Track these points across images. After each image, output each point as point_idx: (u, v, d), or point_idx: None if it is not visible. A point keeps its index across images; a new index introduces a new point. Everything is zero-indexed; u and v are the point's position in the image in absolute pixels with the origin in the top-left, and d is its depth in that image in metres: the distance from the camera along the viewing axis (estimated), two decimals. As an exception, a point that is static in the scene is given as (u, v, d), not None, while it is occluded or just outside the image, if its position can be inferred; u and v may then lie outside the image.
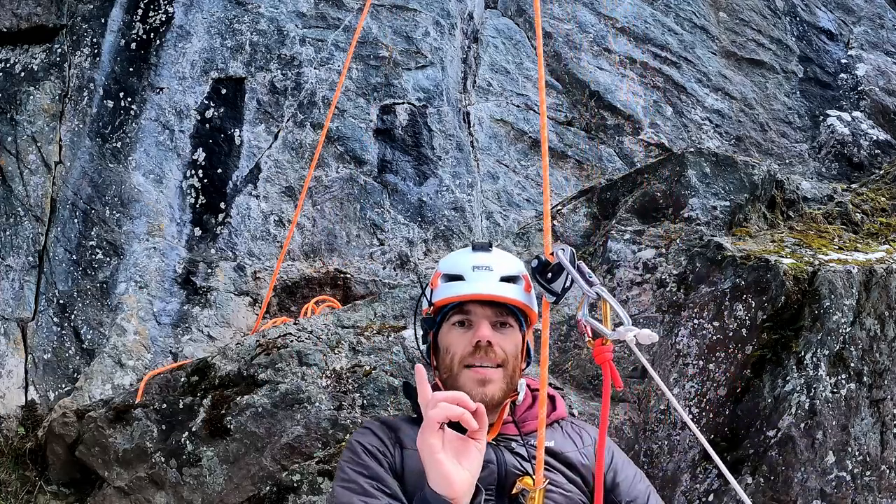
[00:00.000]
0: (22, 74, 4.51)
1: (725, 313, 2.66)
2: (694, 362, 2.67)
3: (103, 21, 4.67)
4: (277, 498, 2.76)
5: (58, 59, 4.58)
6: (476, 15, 5.65)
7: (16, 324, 4.03)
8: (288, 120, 4.65)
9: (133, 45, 4.64)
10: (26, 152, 4.36)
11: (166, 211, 4.33)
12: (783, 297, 2.58)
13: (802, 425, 2.46)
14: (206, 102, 4.59)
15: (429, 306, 2.01)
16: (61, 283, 4.12)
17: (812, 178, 5.23)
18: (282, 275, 4.28)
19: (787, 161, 5.91)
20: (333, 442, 2.78)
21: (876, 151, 5.92)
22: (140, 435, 3.03)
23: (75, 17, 4.68)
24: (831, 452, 2.47)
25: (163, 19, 4.70)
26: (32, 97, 4.46)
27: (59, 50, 4.60)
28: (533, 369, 2.89)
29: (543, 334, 1.76)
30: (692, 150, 3.22)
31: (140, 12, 4.72)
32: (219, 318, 4.18)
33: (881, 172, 4.14)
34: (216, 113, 4.58)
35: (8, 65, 4.53)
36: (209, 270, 4.26)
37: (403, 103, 4.87)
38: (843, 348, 2.56)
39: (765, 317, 2.59)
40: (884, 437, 2.57)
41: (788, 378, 2.50)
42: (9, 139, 4.37)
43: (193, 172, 4.44)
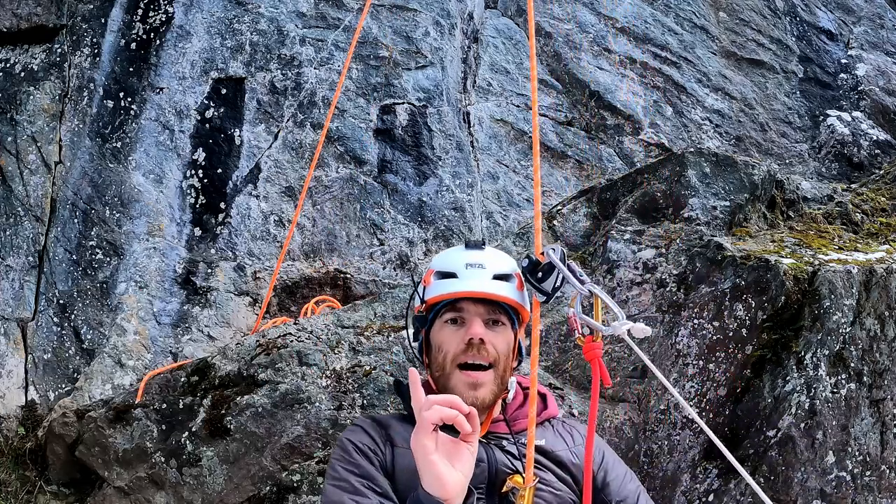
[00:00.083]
0: (22, 74, 4.51)
1: (725, 313, 2.66)
2: (694, 362, 2.68)
3: (103, 21, 4.67)
4: (277, 498, 2.76)
5: (58, 59, 4.58)
6: (476, 15, 5.65)
7: (16, 324, 4.03)
8: (288, 120, 4.65)
9: (133, 45, 4.64)
10: (26, 152, 4.36)
11: (166, 211, 4.33)
12: (783, 297, 2.58)
13: (802, 425, 2.46)
14: (206, 102, 4.59)
15: (421, 304, 2.01)
16: (61, 283, 4.12)
17: (812, 178, 5.23)
18: (282, 275, 4.28)
19: (787, 161, 5.91)
20: (333, 442, 2.78)
21: (876, 151, 5.92)
22: (140, 435, 3.03)
23: (75, 17, 4.68)
24: (831, 452, 2.47)
25: (163, 19, 4.70)
26: (32, 97, 4.46)
27: (59, 50, 4.60)
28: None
29: (534, 333, 1.76)
30: (692, 150, 3.22)
31: (140, 12, 4.72)
32: (219, 318, 4.18)
33: (881, 172, 4.14)
34: (216, 113, 4.58)
35: (8, 65, 4.53)
36: (209, 270, 4.26)
37: (403, 103, 4.87)
38: (843, 348, 2.56)
39: (765, 317, 2.59)
40: (884, 437, 2.57)
41: (788, 378, 2.50)
42: (9, 139, 4.37)
43: (193, 172, 4.44)
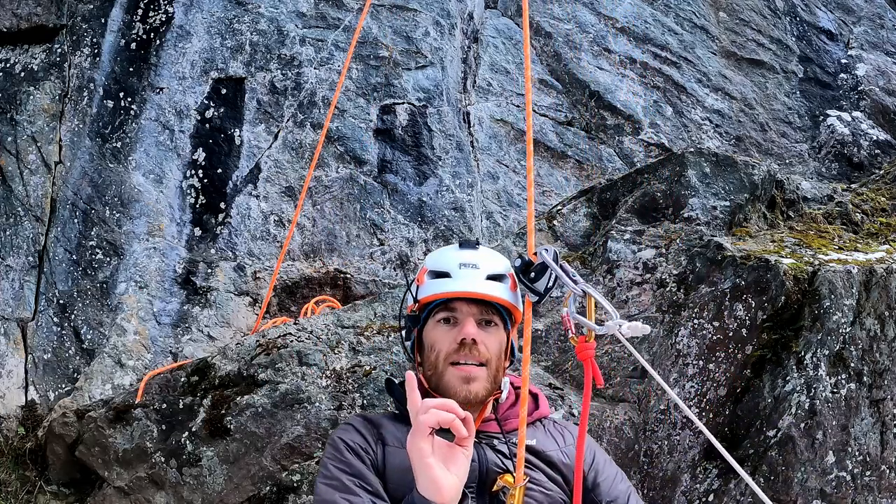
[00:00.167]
0: (22, 74, 4.51)
1: (725, 313, 2.66)
2: (694, 362, 2.68)
3: (103, 21, 4.67)
4: (277, 498, 2.76)
5: (58, 59, 4.58)
6: (476, 15, 5.65)
7: (16, 324, 4.03)
8: (288, 120, 4.65)
9: (133, 45, 4.64)
10: (26, 152, 4.36)
11: (166, 211, 4.33)
12: (783, 297, 2.58)
13: (802, 425, 2.46)
14: (206, 102, 4.59)
15: (414, 303, 2.01)
16: (61, 283, 4.12)
17: (812, 178, 5.23)
18: (282, 275, 4.28)
19: (787, 161, 5.91)
20: (333, 442, 2.78)
21: (876, 151, 5.92)
22: (140, 435, 3.03)
23: (75, 17, 4.68)
24: (831, 452, 2.47)
25: (163, 19, 4.70)
26: (32, 97, 4.46)
27: (59, 50, 4.60)
28: (533, 369, 2.89)
29: (525, 333, 1.76)
30: (692, 150, 3.22)
31: (140, 12, 4.72)
32: (219, 318, 4.18)
33: (881, 172, 4.14)
34: (216, 113, 4.58)
35: (8, 65, 4.53)
36: (209, 270, 4.26)
37: (403, 103, 4.87)
38: (843, 348, 2.56)
39: (765, 317, 2.59)
40: (884, 437, 2.57)
41: (788, 378, 2.50)
42: (9, 139, 4.37)
43: (193, 172, 4.44)
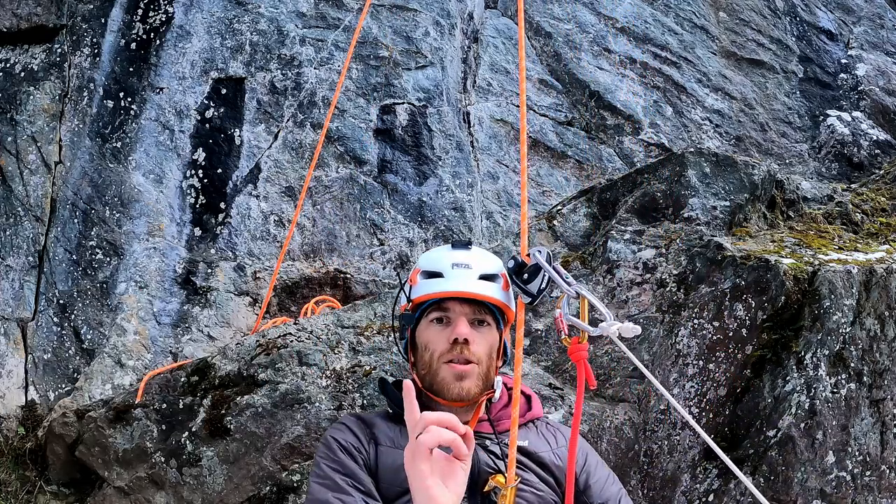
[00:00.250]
0: (22, 74, 4.51)
1: (725, 313, 2.66)
2: (694, 362, 2.67)
3: (103, 21, 4.67)
4: (277, 498, 2.76)
5: (58, 59, 4.58)
6: (476, 15, 5.65)
7: (16, 324, 4.03)
8: (288, 120, 4.65)
9: (133, 45, 4.64)
10: (26, 152, 4.36)
11: (166, 211, 4.33)
12: (783, 297, 2.58)
13: (802, 425, 2.46)
14: (206, 102, 4.59)
15: (407, 302, 2.03)
16: (61, 283, 4.12)
17: (812, 178, 5.23)
18: (282, 275, 4.28)
19: (787, 161, 5.91)
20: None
21: (876, 151, 5.92)
22: (140, 435, 3.03)
23: (75, 17, 4.68)
24: (831, 452, 2.47)
25: (163, 19, 4.70)
26: (32, 97, 4.46)
27: (59, 50, 4.60)
28: (533, 369, 2.89)
29: (518, 334, 1.77)
30: (692, 150, 3.22)
31: (140, 12, 4.72)
32: (219, 318, 4.18)
33: (881, 172, 4.14)
34: (216, 113, 4.58)
35: (8, 65, 4.53)
36: (209, 270, 4.26)
37: (403, 103, 4.87)
38: (843, 348, 2.56)
39: (765, 317, 2.59)
40: (884, 437, 2.57)
41: (788, 378, 2.50)
42: (9, 139, 4.37)
43: (193, 172, 4.44)
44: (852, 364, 2.56)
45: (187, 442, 2.94)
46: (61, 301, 4.09)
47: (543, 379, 2.83)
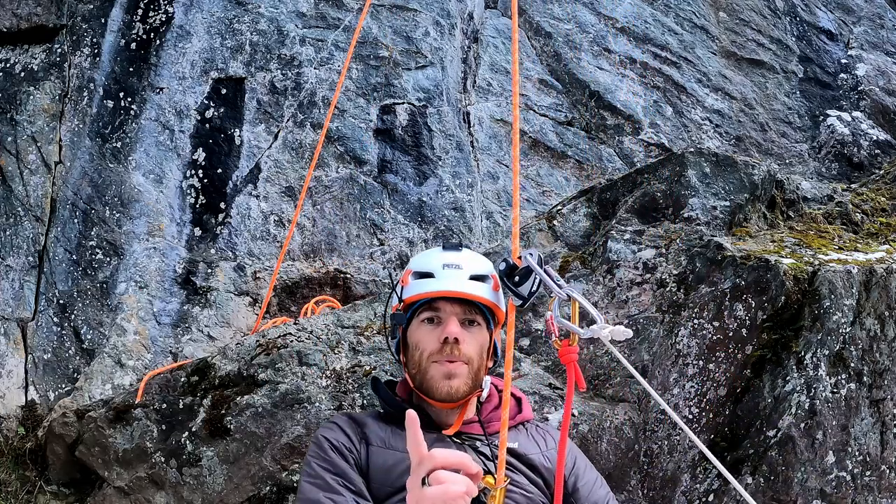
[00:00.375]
0: (22, 74, 4.51)
1: (725, 313, 2.66)
2: (694, 362, 2.67)
3: (103, 21, 4.67)
4: (277, 498, 2.76)
5: (58, 59, 4.58)
6: (476, 15, 5.65)
7: (16, 324, 4.03)
8: (288, 120, 4.65)
9: (133, 45, 4.64)
10: (26, 152, 4.36)
11: (166, 211, 4.33)
12: (783, 297, 2.58)
13: (802, 425, 2.46)
14: (206, 102, 4.59)
15: (399, 303, 2.06)
16: (61, 283, 4.12)
17: (812, 178, 5.23)
18: (282, 275, 4.28)
19: (787, 161, 5.91)
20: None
21: (876, 151, 5.92)
22: (140, 435, 3.03)
23: (75, 17, 4.68)
24: (831, 452, 2.47)
25: (163, 19, 4.70)
26: (32, 97, 4.46)
27: (59, 50, 4.60)
28: (533, 369, 2.89)
29: (508, 336, 1.77)
30: (692, 150, 3.22)
31: (140, 12, 4.72)
32: (219, 318, 4.18)
33: (881, 172, 4.14)
34: (216, 113, 4.58)
35: (8, 65, 4.53)
36: (209, 270, 4.26)
37: (403, 103, 4.87)
38: (843, 348, 2.56)
39: (765, 317, 2.59)
40: (884, 437, 2.57)
41: (788, 378, 2.50)
42: (9, 139, 4.37)
43: (193, 172, 4.44)
44: (852, 364, 2.56)
45: (187, 442, 2.94)
46: (61, 301, 4.09)
47: (543, 379, 2.84)
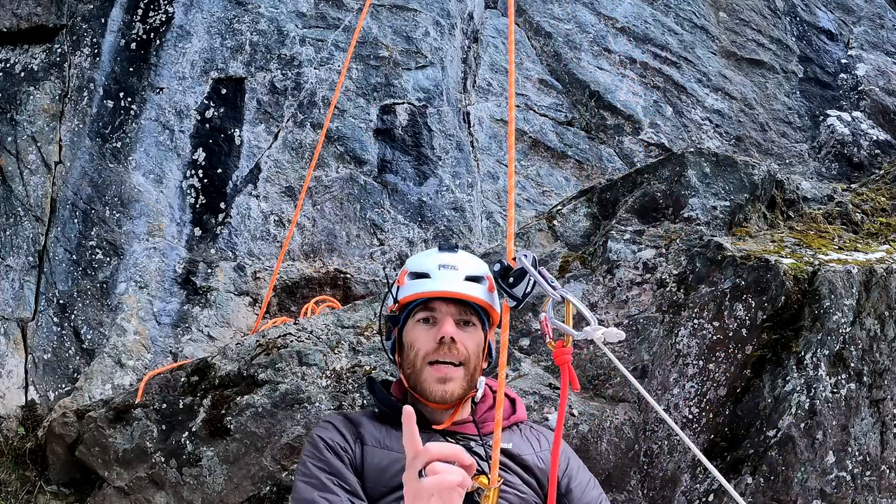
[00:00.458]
0: (22, 74, 4.51)
1: (725, 313, 2.66)
2: (694, 362, 2.68)
3: (103, 21, 4.67)
4: (277, 498, 2.76)
5: (58, 59, 4.58)
6: (476, 15, 5.65)
7: (16, 324, 4.03)
8: (288, 120, 4.65)
9: (133, 45, 4.64)
10: (26, 152, 4.36)
11: (166, 211, 4.33)
12: (783, 297, 2.58)
13: (802, 425, 2.46)
14: (206, 102, 4.59)
15: (394, 303, 2.06)
16: (61, 283, 4.12)
17: (812, 178, 5.23)
18: (282, 275, 4.28)
19: (787, 161, 5.91)
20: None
21: (876, 151, 5.92)
22: (140, 435, 3.03)
23: (75, 17, 4.68)
24: (831, 452, 2.47)
25: (163, 19, 4.70)
26: (32, 97, 4.46)
27: (59, 50, 4.60)
28: (534, 369, 2.89)
29: (503, 337, 1.78)
30: (692, 150, 3.22)
31: (140, 12, 4.72)
32: (219, 318, 4.18)
33: (881, 172, 4.14)
34: (216, 113, 4.58)
35: (8, 65, 4.53)
36: (209, 270, 4.26)
37: (403, 103, 4.87)
38: (843, 348, 2.56)
39: (765, 317, 2.59)
40: (884, 437, 2.57)
41: (788, 378, 2.50)
42: (9, 139, 4.37)
43: (193, 172, 4.44)
44: (852, 364, 2.56)
45: (187, 442, 2.94)
46: (61, 301, 4.09)
47: (543, 379, 2.84)
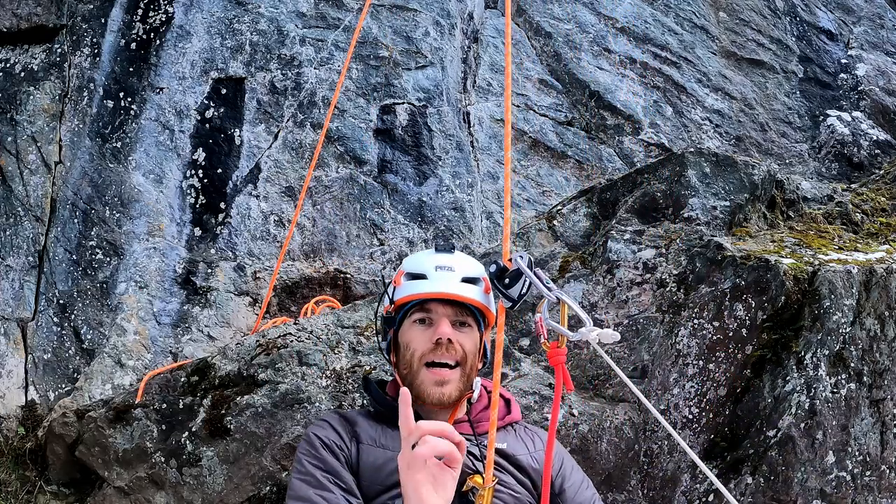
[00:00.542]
0: (22, 74, 4.51)
1: (725, 313, 2.66)
2: (694, 362, 2.67)
3: (103, 21, 4.67)
4: (277, 498, 2.76)
5: (58, 59, 4.58)
6: (476, 15, 5.65)
7: (16, 324, 4.03)
8: (288, 120, 4.65)
9: (133, 45, 4.64)
10: (26, 152, 4.36)
11: (166, 211, 4.33)
12: (783, 297, 2.58)
13: (802, 425, 2.46)
14: (206, 102, 4.59)
15: (390, 304, 2.06)
16: (61, 283, 4.12)
17: (812, 178, 5.23)
18: (282, 275, 4.28)
19: (787, 161, 5.91)
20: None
21: (876, 151, 5.92)
22: (140, 435, 3.03)
23: (75, 17, 4.68)
24: (831, 452, 2.47)
25: (163, 19, 4.70)
26: (32, 97, 4.46)
27: (59, 50, 4.60)
28: (533, 369, 2.89)
29: (498, 338, 1.78)
30: (692, 150, 3.22)
31: (140, 12, 4.72)
32: (219, 318, 4.18)
33: (881, 172, 4.14)
34: (216, 113, 4.58)
35: (8, 65, 4.53)
36: (209, 270, 4.26)
37: (403, 103, 4.87)
38: (843, 348, 2.56)
39: (765, 317, 2.59)
40: (884, 437, 2.57)
41: (788, 378, 2.50)
42: (9, 139, 4.37)
43: (193, 172, 4.44)
44: (852, 364, 2.56)
45: (187, 442, 2.94)
46: (61, 301, 4.09)
47: (543, 379, 2.84)
